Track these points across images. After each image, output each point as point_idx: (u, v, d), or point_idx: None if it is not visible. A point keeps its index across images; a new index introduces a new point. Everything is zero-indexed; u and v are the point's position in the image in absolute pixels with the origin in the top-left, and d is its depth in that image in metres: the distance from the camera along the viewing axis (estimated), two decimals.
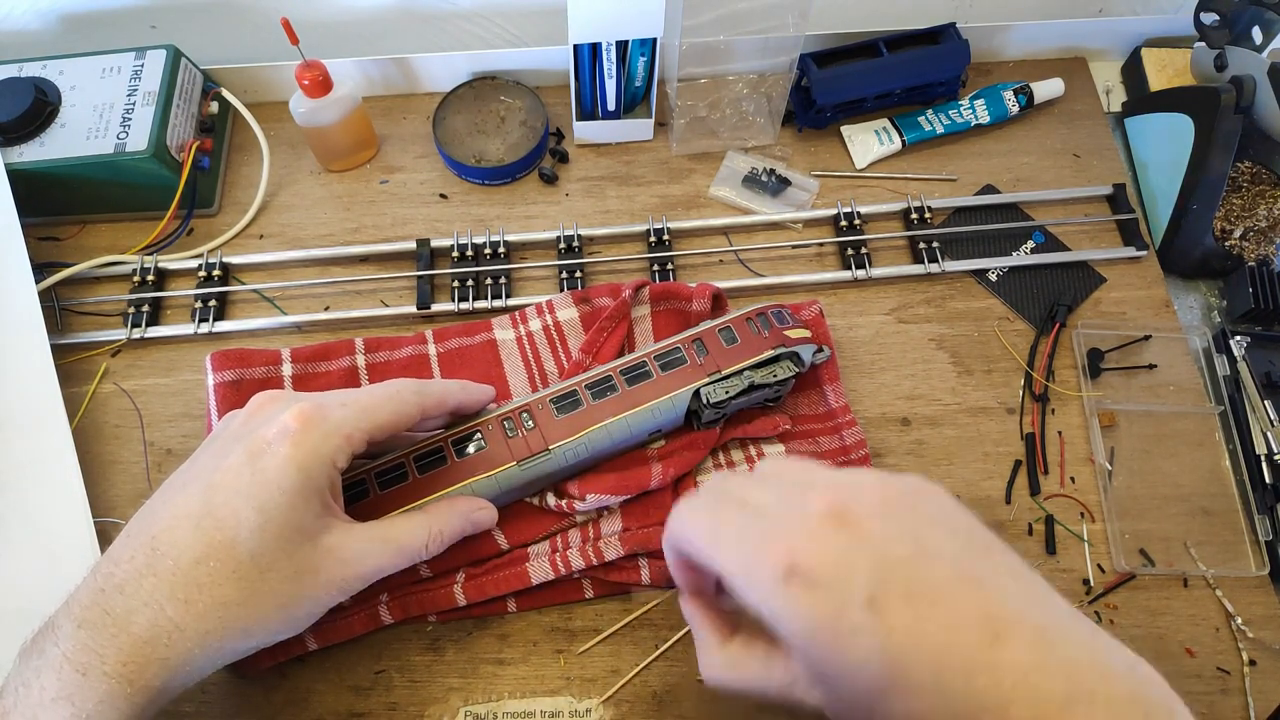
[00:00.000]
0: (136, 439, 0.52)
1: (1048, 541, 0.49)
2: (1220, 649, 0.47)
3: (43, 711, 0.33)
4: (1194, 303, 0.59)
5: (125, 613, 0.34)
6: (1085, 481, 0.51)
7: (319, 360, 0.52)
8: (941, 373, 0.55)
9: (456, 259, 0.58)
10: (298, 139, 0.63)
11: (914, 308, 0.57)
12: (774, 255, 0.59)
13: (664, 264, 0.58)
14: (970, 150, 0.64)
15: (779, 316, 0.49)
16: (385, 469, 0.43)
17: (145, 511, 0.38)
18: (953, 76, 0.63)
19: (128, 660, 0.34)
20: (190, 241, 0.60)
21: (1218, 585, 0.48)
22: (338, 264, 0.59)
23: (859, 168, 0.63)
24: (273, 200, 0.61)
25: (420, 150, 0.63)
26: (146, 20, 0.64)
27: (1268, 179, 0.59)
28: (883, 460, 0.51)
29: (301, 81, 0.55)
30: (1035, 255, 0.59)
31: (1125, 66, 0.68)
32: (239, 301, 0.58)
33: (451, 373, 0.52)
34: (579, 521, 0.47)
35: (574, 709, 0.45)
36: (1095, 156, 0.63)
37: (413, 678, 0.45)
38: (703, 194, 0.62)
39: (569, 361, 0.51)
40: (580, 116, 0.62)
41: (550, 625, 0.47)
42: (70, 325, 0.56)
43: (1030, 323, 0.56)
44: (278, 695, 0.45)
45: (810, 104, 0.62)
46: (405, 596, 0.45)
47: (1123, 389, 0.54)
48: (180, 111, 0.58)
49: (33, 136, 0.55)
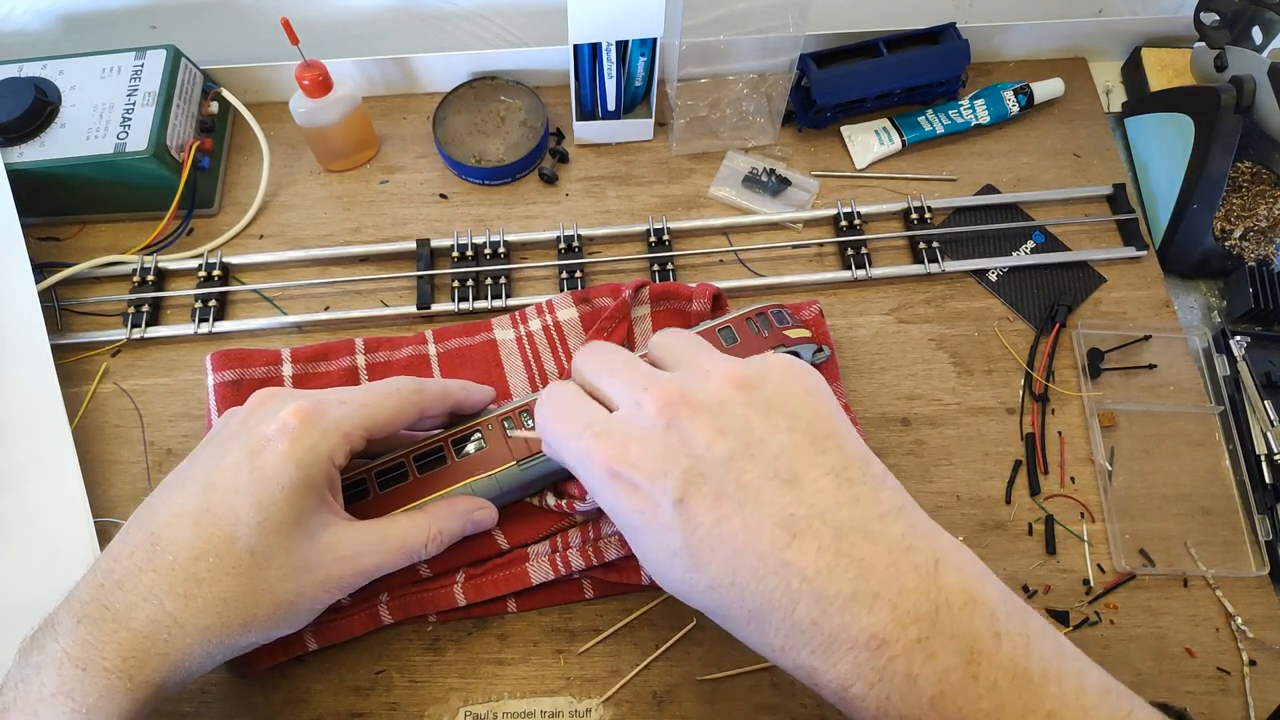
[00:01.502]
0: (136, 439, 0.52)
1: (1048, 541, 0.49)
2: (1220, 649, 0.47)
3: (43, 707, 0.33)
4: (1194, 303, 0.59)
5: (125, 608, 0.34)
6: (1085, 481, 0.51)
7: (319, 360, 0.52)
8: (941, 373, 0.55)
9: (456, 259, 0.58)
10: (298, 139, 0.63)
11: (914, 308, 0.57)
12: (774, 255, 0.59)
13: (664, 264, 0.58)
14: (970, 150, 0.64)
15: (779, 316, 0.49)
16: (385, 468, 0.43)
17: (145, 508, 0.38)
18: (953, 76, 0.63)
19: (127, 655, 0.34)
20: (190, 241, 0.60)
21: (1218, 585, 0.48)
22: (338, 264, 0.59)
23: (859, 168, 0.63)
24: (273, 200, 0.61)
25: (420, 150, 0.63)
26: (146, 20, 0.64)
27: (1268, 179, 0.59)
28: (882, 460, 0.51)
29: (301, 81, 0.55)
30: (1035, 255, 0.59)
31: (1125, 66, 0.68)
32: (239, 301, 0.58)
33: (451, 373, 0.52)
34: (579, 521, 0.47)
35: (574, 709, 0.45)
36: (1095, 156, 0.63)
37: (413, 678, 0.45)
38: (703, 194, 0.62)
39: (569, 362, 0.51)
40: (580, 116, 0.62)
41: (550, 625, 0.47)
42: (70, 325, 0.56)
43: (1030, 323, 0.56)
44: (278, 695, 0.45)
45: (810, 104, 0.62)
46: (405, 596, 0.45)
47: (1123, 389, 0.54)
48: (180, 111, 0.58)
49: (33, 136, 0.55)
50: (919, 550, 0.30)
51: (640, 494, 0.32)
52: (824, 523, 0.30)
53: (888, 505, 0.31)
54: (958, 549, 0.31)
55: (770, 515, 0.30)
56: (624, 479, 0.32)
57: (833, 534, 0.29)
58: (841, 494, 0.31)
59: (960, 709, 0.27)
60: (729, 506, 0.30)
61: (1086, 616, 0.47)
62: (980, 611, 0.28)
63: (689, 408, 0.32)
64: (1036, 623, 0.30)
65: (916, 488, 0.51)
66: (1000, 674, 0.28)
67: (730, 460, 0.31)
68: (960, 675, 0.28)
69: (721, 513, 0.30)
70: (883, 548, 0.29)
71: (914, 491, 0.49)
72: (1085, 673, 0.29)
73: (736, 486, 0.31)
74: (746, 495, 0.30)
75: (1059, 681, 0.28)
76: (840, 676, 0.29)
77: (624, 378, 0.35)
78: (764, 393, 0.33)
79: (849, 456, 0.32)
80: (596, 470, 0.33)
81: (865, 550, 0.29)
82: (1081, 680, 0.29)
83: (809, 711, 0.44)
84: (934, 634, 0.28)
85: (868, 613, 0.28)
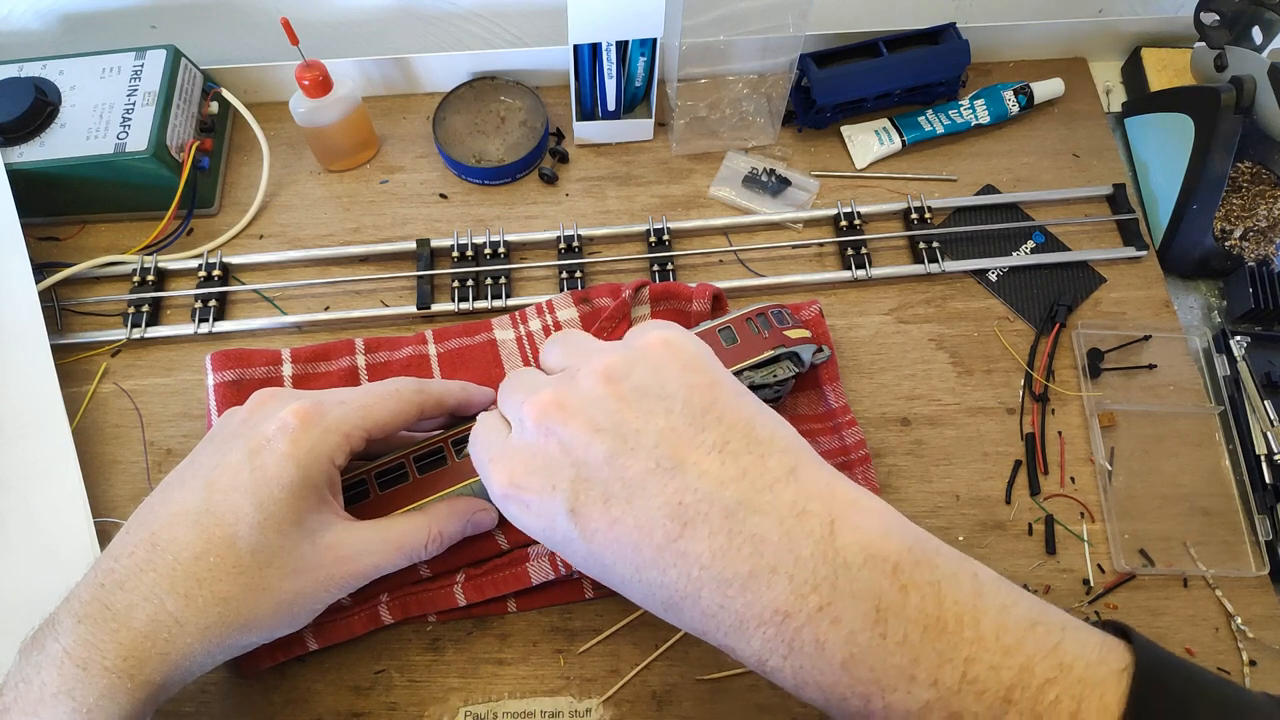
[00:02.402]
0: (136, 439, 0.52)
1: (1047, 541, 0.49)
2: (1220, 649, 0.47)
3: (43, 707, 0.33)
4: (1194, 303, 0.59)
5: (126, 608, 0.34)
6: (1085, 481, 0.51)
7: (319, 360, 0.52)
8: (941, 373, 0.55)
9: (456, 259, 0.58)
10: (298, 139, 0.63)
11: (914, 308, 0.57)
12: (774, 255, 0.59)
13: (664, 264, 0.58)
14: (970, 150, 0.64)
15: (778, 316, 0.49)
16: (385, 469, 0.43)
17: (145, 508, 0.38)
18: (953, 76, 0.63)
19: (128, 655, 0.34)
20: (190, 241, 0.60)
21: (1217, 585, 0.48)
22: (338, 264, 0.59)
23: (859, 168, 0.63)
24: (273, 200, 0.61)
25: (420, 150, 0.63)
26: (146, 20, 0.64)
27: (1268, 179, 0.59)
28: (882, 460, 0.51)
29: (301, 81, 0.55)
30: (1035, 255, 0.59)
31: (1125, 66, 0.68)
32: (239, 301, 0.58)
33: (451, 373, 0.52)
34: None
35: (574, 709, 0.45)
36: (1095, 156, 0.63)
37: (413, 678, 0.45)
38: (703, 194, 0.62)
39: None
40: (580, 116, 0.62)
41: (550, 625, 0.47)
42: (70, 325, 0.56)
43: (1030, 323, 0.56)
44: (278, 695, 0.45)
45: (810, 104, 0.62)
46: (405, 596, 0.45)
47: (1123, 389, 0.54)
48: (180, 111, 0.58)
49: (33, 136, 0.55)
50: (813, 514, 0.29)
51: (534, 511, 0.33)
52: (712, 505, 0.29)
53: (776, 471, 0.30)
54: (855, 504, 0.30)
55: (659, 508, 0.30)
56: (518, 500, 0.33)
57: (722, 515, 0.29)
58: (726, 470, 0.30)
59: (872, 669, 0.27)
60: (619, 508, 0.30)
61: (1086, 616, 0.47)
62: (880, 568, 0.28)
63: (562, 413, 0.32)
64: (950, 566, 0.29)
65: (916, 488, 0.51)
66: (910, 627, 0.27)
67: (611, 459, 0.31)
68: (868, 636, 0.27)
69: (613, 515, 0.31)
70: (774, 520, 0.29)
71: (914, 491, 0.50)
72: (1009, 609, 0.28)
73: (622, 485, 0.31)
74: (633, 492, 0.30)
75: (975, 625, 0.27)
76: (755, 653, 0.29)
77: (512, 394, 0.36)
78: (634, 380, 0.32)
79: (729, 428, 0.31)
80: (498, 495, 0.34)
81: (756, 525, 0.29)
82: (1003, 618, 0.27)
83: (808, 711, 0.44)
84: (835, 598, 0.27)
85: (767, 588, 0.28)
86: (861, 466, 0.49)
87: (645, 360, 0.33)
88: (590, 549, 0.31)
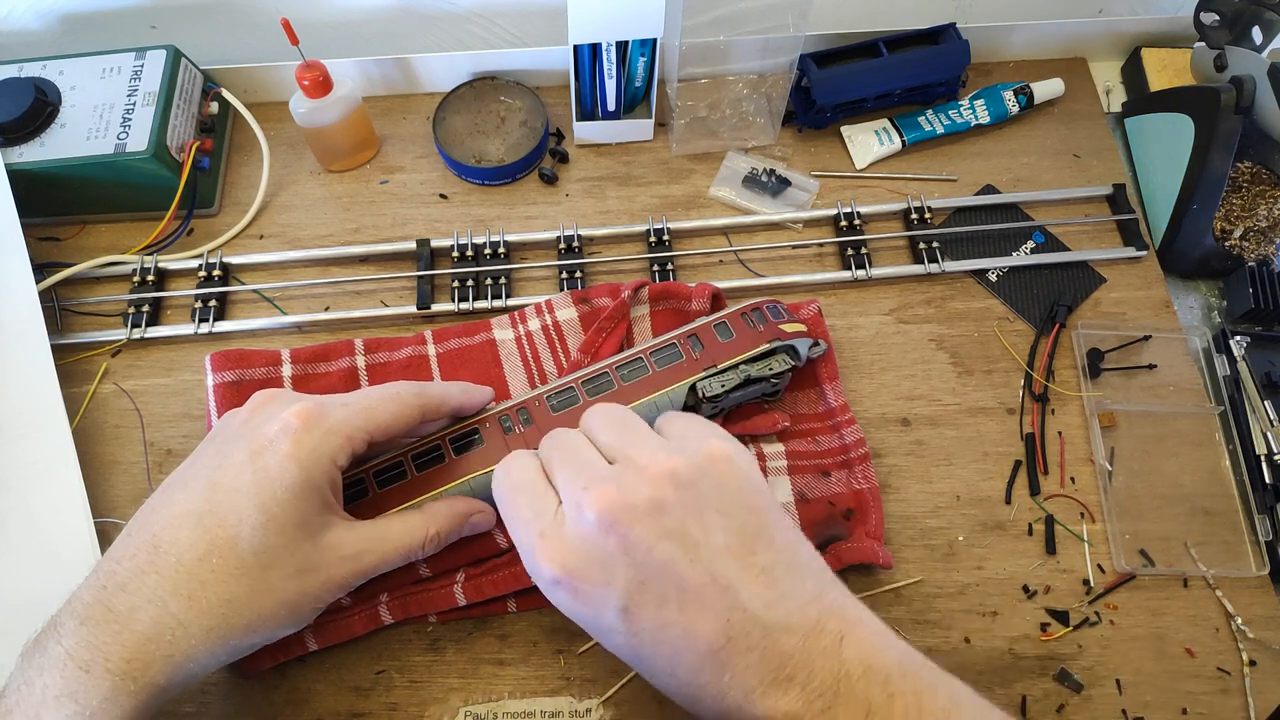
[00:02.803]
0: (136, 439, 0.52)
1: (1048, 542, 0.49)
2: (1220, 649, 0.47)
3: (46, 709, 0.33)
4: (1194, 303, 0.59)
5: (128, 610, 0.34)
6: (1085, 481, 0.51)
7: (319, 361, 0.52)
8: (941, 373, 0.55)
9: (456, 259, 0.58)
10: (298, 139, 0.63)
11: (914, 308, 0.57)
12: (774, 255, 0.59)
13: (664, 264, 0.58)
14: (970, 150, 0.64)
15: (774, 311, 0.49)
16: (383, 467, 0.44)
17: (146, 510, 0.38)
18: (953, 77, 0.63)
19: (131, 657, 0.34)
20: (190, 241, 0.60)
21: (1218, 585, 0.48)
22: (338, 264, 0.59)
23: (859, 168, 0.63)
24: (273, 200, 0.61)
25: (420, 150, 0.63)
26: (146, 20, 0.64)
27: (1268, 179, 0.59)
28: (882, 460, 0.51)
29: (301, 82, 0.55)
30: (1035, 255, 0.59)
31: (1125, 66, 0.68)
32: (239, 301, 0.58)
33: (451, 373, 0.52)
34: None
35: (574, 709, 0.45)
36: (1095, 156, 0.63)
37: (413, 678, 0.45)
38: (703, 194, 0.62)
39: (568, 361, 0.51)
40: (580, 117, 0.62)
41: (550, 625, 0.47)
42: (70, 325, 0.56)
43: (1030, 323, 0.57)
44: (278, 695, 0.45)
45: (810, 104, 0.62)
46: (405, 596, 0.45)
47: (1123, 389, 0.54)
48: (180, 112, 0.58)
49: (33, 137, 0.55)
50: (828, 631, 0.33)
51: (583, 600, 0.34)
52: (755, 624, 0.32)
53: (809, 594, 0.34)
54: (860, 621, 0.34)
55: (710, 620, 0.32)
56: (569, 586, 0.34)
57: (762, 633, 0.32)
58: (771, 593, 0.33)
59: None
60: (671, 612, 0.33)
61: (1086, 616, 0.47)
62: (875, 678, 0.32)
63: (628, 513, 0.33)
64: (932, 678, 0.33)
65: (917, 488, 0.51)
66: None
67: (670, 565, 0.33)
68: None
69: (664, 619, 0.33)
70: (799, 636, 0.32)
71: (914, 491, 0.51)
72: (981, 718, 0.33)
73: (677, 591, 0.33)
74: (686, 599, 0.33)
75: None
76: None
77: (570, 469, 0.36)
78: (700, 491, 0.34)
79: (778, 553, 0.34)
80: (542, 571, 0.35)
81: (786, 643, 0.32)
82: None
83: None
84: (836, 703, 0.31)
85: (783, 695, 0.32)
86: (861, 465, 0.49)
87: (710, 475, 0.35)
88: (632, 643, 0.34)
